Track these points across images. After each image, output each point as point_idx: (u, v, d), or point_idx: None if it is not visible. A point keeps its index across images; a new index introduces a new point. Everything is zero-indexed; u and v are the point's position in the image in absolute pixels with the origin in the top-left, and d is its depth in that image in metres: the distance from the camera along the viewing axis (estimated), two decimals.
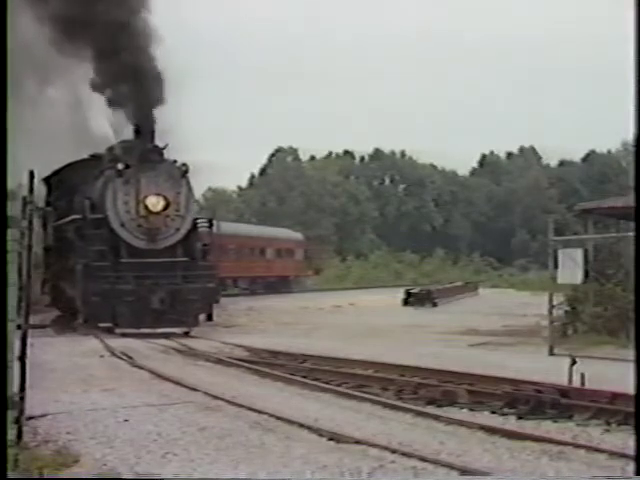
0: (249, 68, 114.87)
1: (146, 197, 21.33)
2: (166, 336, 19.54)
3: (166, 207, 21.48)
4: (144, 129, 21.69)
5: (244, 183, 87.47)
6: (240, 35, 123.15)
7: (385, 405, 10.39)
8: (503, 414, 9.95)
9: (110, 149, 23.04)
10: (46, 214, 26.01)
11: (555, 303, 18.64)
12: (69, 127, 24.90)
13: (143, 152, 21.55)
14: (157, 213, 21.41)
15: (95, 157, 24.20)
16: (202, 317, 22.10)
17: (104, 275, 20.66)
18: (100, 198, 21.94)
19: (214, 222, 23.55)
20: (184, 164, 21.93)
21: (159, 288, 20.64)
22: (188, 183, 22.09)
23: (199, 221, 22.88)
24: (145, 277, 20.70)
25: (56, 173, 25.81)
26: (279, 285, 50.02)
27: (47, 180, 25.93)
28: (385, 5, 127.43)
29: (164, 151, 21.81)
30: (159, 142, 22.08)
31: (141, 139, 21.75)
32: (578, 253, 17.30)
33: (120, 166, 21.34)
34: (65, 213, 24.29)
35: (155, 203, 21.34)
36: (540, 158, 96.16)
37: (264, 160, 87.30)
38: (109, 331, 20.33)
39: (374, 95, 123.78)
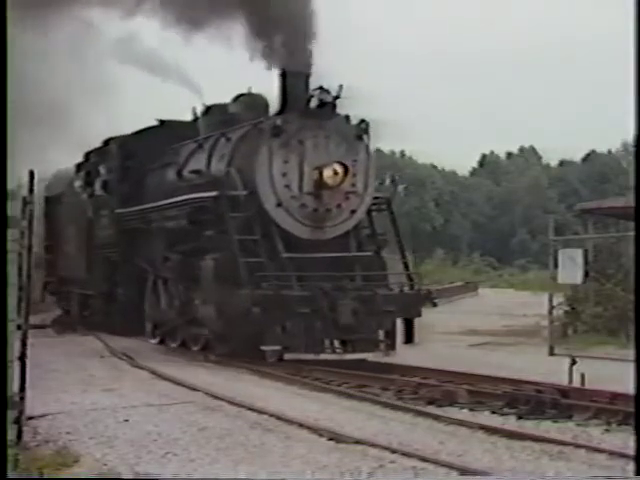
0: None
1: (323, 166, 14.84)
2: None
3: (341, 181, 15.12)
4: (299, 73, 15.14)
5: None
6: None
7: (385, 405, 10.40)
8: (503, 414, 9.95)
9: (217, 107, 17.51)
10: (101, 200, 20.31)
11: (555, 303, 18.68)
12: None
13: (306, 103, 15.11)
14: (331, 188, 14.97)
15: (167, 123, 19.22)
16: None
17: (259, 276, 14.06)
18: (240, 167, 15.26)
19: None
20: (363, 120, 15.48)
21: (346, 296, 14.17)
22: (367, 147, 15.63)
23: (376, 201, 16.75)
24: (314, 279, 14.33)
25: (107, 145, 20.28)
26: None
27: (90, 156, 21.04)
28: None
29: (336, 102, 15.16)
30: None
31: (292, 87, 15.24)
32: (578, 253, 17.32)
33: (279, 121, 14.94)
34: (129, 198, 18.87)
35: (332, 175, 14.88)
36: (540, 158, 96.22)
37: None
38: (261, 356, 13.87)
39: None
